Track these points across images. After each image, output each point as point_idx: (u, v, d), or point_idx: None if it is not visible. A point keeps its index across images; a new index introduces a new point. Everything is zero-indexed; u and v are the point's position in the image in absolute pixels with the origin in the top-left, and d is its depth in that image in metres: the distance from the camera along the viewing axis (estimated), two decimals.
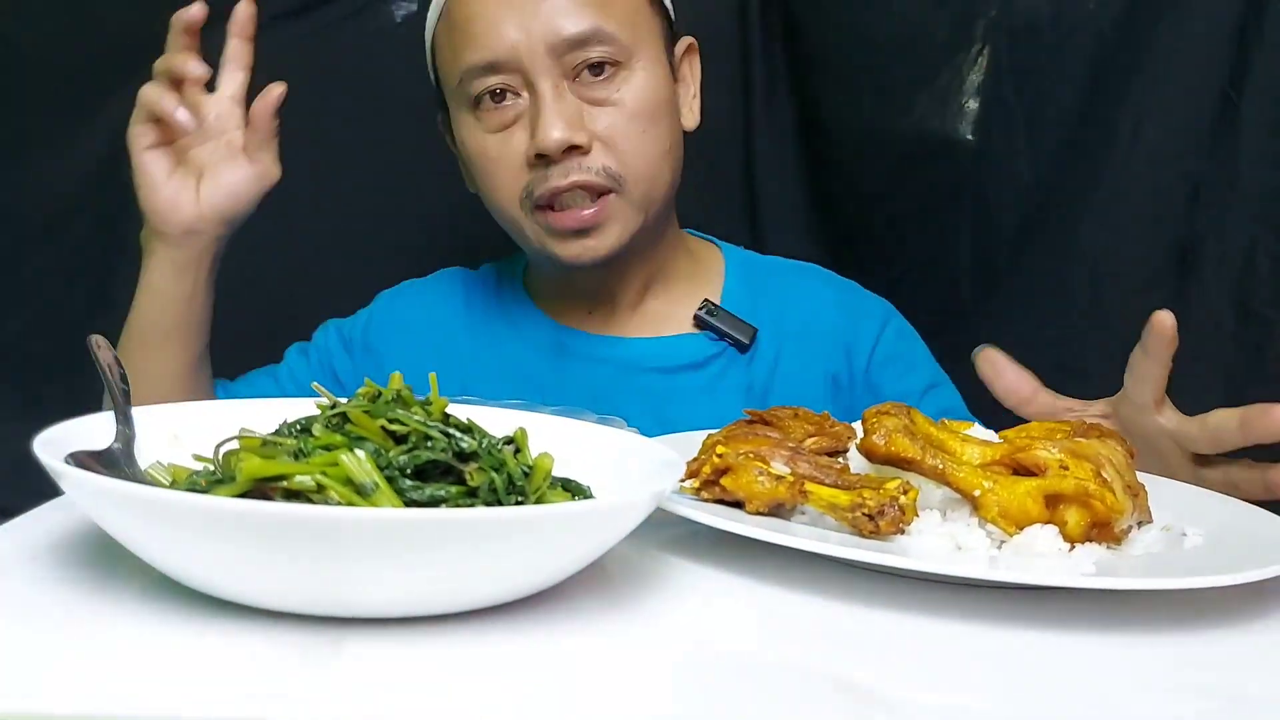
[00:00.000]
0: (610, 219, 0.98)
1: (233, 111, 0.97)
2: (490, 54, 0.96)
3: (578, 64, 0.96)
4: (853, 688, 0.46)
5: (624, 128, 0.98)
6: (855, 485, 0.61)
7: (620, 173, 0.98)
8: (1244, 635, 0.55)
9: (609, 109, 0.98)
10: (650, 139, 1.00)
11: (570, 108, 0.96)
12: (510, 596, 0.50)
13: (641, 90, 0.99)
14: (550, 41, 0.95)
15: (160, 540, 0.47)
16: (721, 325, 1.07)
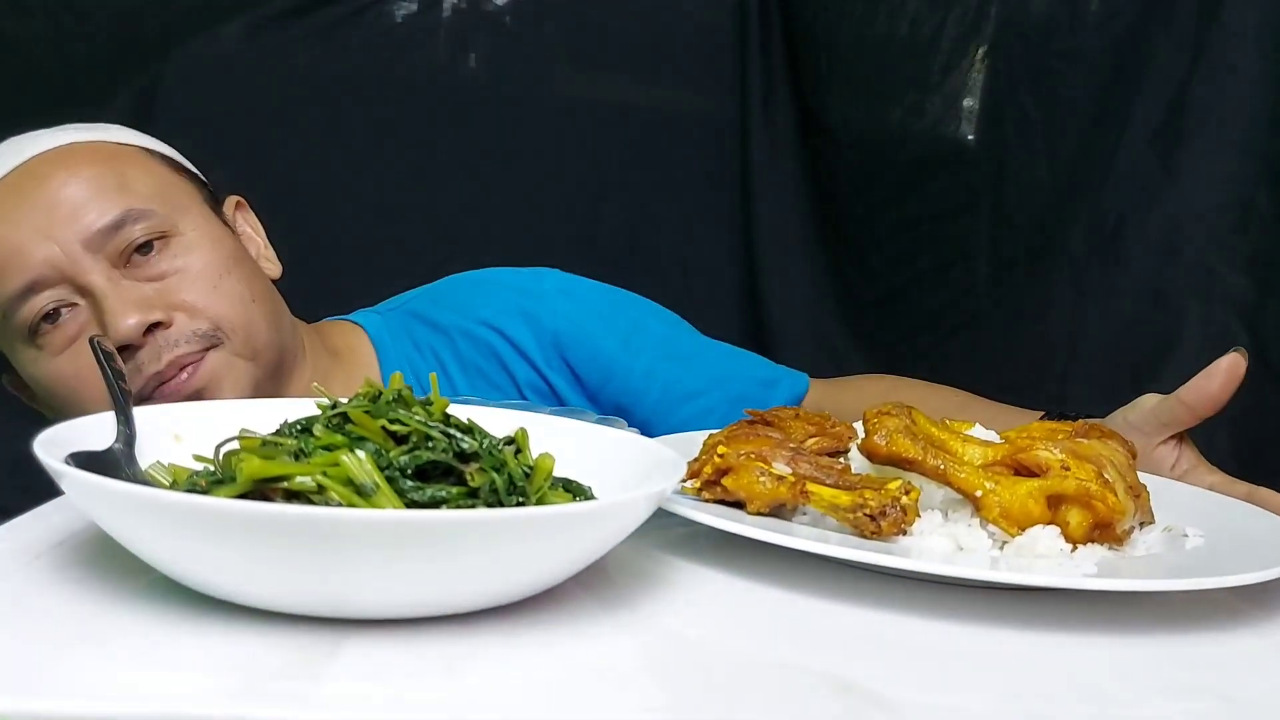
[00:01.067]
0: (218, 376, 0.94)
1: None
2: (26, 275, 0.91)
3: (123, 249, 0.92)
4: (854, 688, 0.45)
5: (198, 290, 0.94)
6: (857, 486, 0.61)
7: (212, 330, 0.94)
8: (1246, 636, 0.55)
9: (173, 279, 0.94)
10: (227, 291, 0.96)
11: (134, 291, 0.92)
12: (511, 597, 0.50)
13: (199, 251, 0.96)
14: (84, 238, 0.91)
15: (160, 541, 0.47)
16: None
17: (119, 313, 0.90)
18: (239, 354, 0.95)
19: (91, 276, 0.91)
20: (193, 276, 0.94)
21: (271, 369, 0.98)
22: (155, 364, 0.91)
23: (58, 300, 0.92)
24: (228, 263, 0.97)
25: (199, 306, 0.94)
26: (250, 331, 0.96)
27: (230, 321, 0.95)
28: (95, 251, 0.92)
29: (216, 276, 0.96)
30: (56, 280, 0.91)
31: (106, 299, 0.91)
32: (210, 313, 0.94)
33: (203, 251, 0.96)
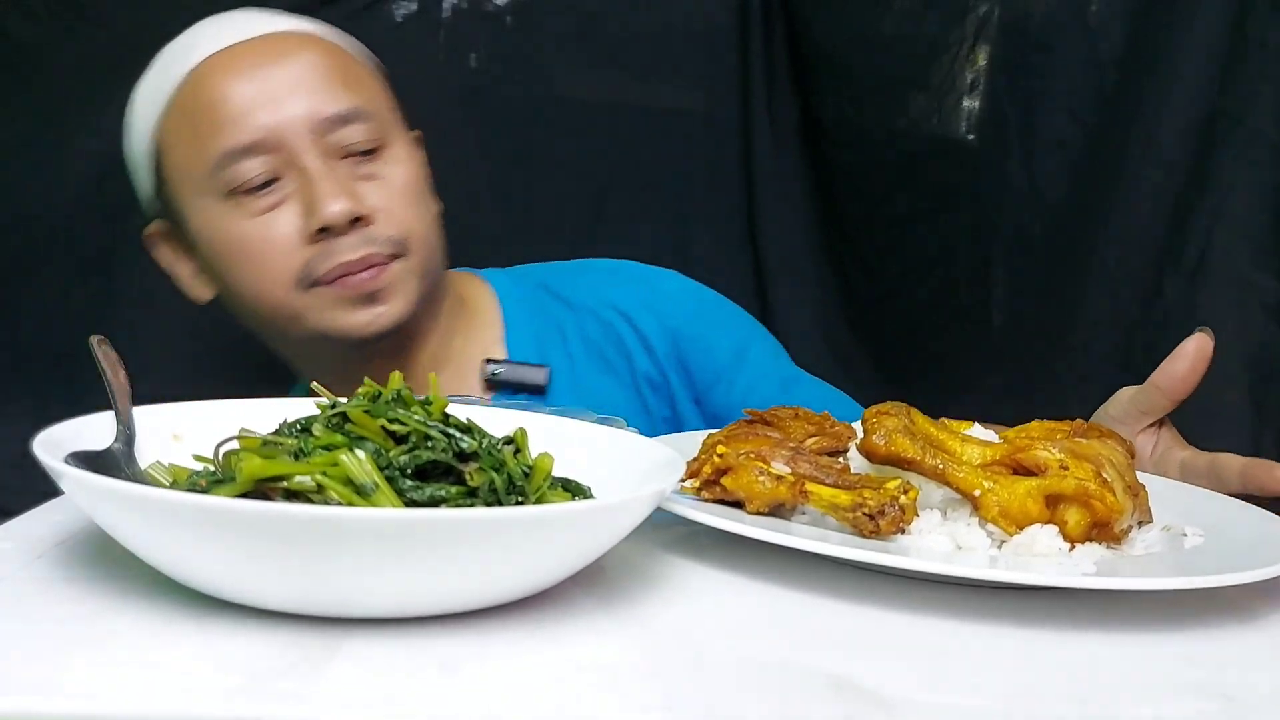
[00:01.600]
0: (396, 285, 0.96)
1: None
2: (249, 135, 0.93)
3: (344, 144, 0.96)
4: (853, 688, 0.45)
5: (400, 199, 0.98)
6: (856, 485, 0.61)
7: (402, 240, 0.97)
8: (1245, 635, 0.55)
9: (379, 183, 0.97)
10: (421, 211, 1.00)
11: (343, 181, 0.95)
12: (510, 596, 0.50)
13: (408, 166, 1.00)
14: (314, 120, 0.94)
15: (160, 540, 0.47)
16: (512, 378, 1.04)
17: (331, 195, 0.93)
18: (414, 271, 0.98)
19: (310, 157, 0.94)
20: (397, 188, 0.98)
21: (429, 293, 1.01)
22: (349, 254, 0.94)
23: (270, 171, 0.94)
24: (423, 184, 1.02)
25: (397, 217, 0.97)
26: (428, 252, 1.00)
27: (418, 238, 0.99)
28: (319, 135, 0.94)
29: (415, 194, 1.00)
30: (275, 149, 0.94)
31: (322, 181, 0.93)
32: (405, 225, 0.97)
33: (408, 168, 1.00)
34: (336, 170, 0.95)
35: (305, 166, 0.94)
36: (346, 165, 0.96)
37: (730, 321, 1.10)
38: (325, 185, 0.93)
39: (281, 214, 0.94)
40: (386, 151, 0.98)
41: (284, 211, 0.94)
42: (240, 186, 0.94)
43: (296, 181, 0.94)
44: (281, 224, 0.94)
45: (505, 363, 1.05)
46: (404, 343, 1.01)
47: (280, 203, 0.95)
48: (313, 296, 0.95)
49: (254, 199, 0.94)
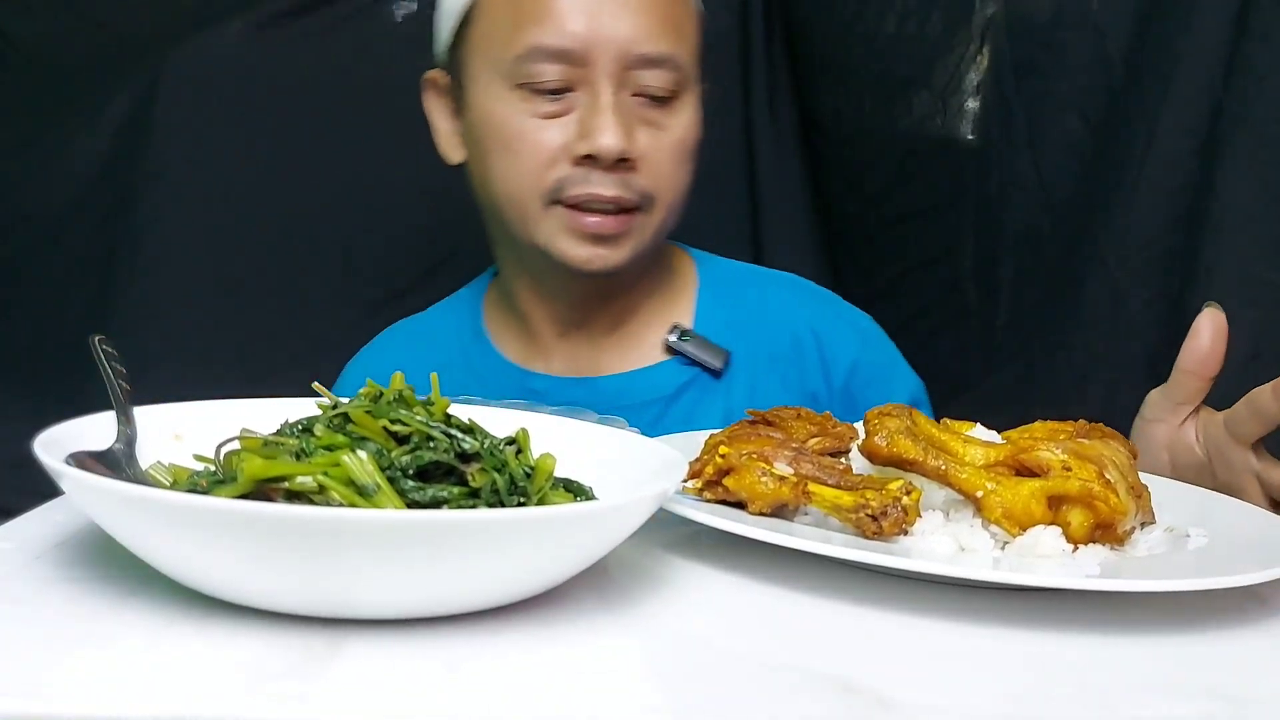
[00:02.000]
0: (630, 234, 0.97)
1: None
2: (565, 40, 0.93)
3: (643, 85, 0.95)
4: (855, 689, 0.45)
5: (668, 154, 0.97)
6: (858, 486, 0.61)
7: (654, 195, 0.97)
8: (1248, 637, 0.55)
9: (658, 132, 0.97)
10: (685, 172, 1.00)
11: (628, 119, 0.95)
12: (512, 598, 0.50)
13: (689, 125, 0.99)
14: (626, 51, 0.94)
15: (161, 541, 0.47)
16: (693, 352, 1.05)
17: (611, 128, 0.93)
18: (651, 226, 0.99)
19: (607, 84, 0.94)
20: (671, 142, 0.98)
21: (653, 249, 1.02)
22: (603, 189, 0.94)
23: (566, 80, 0.94)
24: (695, 149, 1.01)
25: (659, 171, 0.97)
26: (670, 213, 1.00)
27: (668, 200, 0.99)
28: (624, 67, 0.94)
29: (684, 155, 0.99)
30: (580, 63, 0.94)
31: (608, 111, 0.93)
32: (662, 181, 0.98)
33: (687, 128, 0.99)
34: (624, 105, 0.95)
35: (599, 91, 0.94)
36: (636, 104, 0.96)
37: (910, 380, 1.12)
38: (608, 116, 0.93)
39: (559, 124, 0.95)
40: (676, 103, 0.98)
41: (562, 123, 0.95)
42: (533, 84, 0.95)
43: (586, 100, 0.94)
44: (555, 134, 0.95)
45: (691, 335, 1.05)
46: (607, 285, 1.03)
47: (563, 113, 0.95)
48: (551, 213, 0.96)
49: (541, 100, 0.95)
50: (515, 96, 0.96)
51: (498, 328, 1.09)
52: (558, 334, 1.06)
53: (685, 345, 1.05)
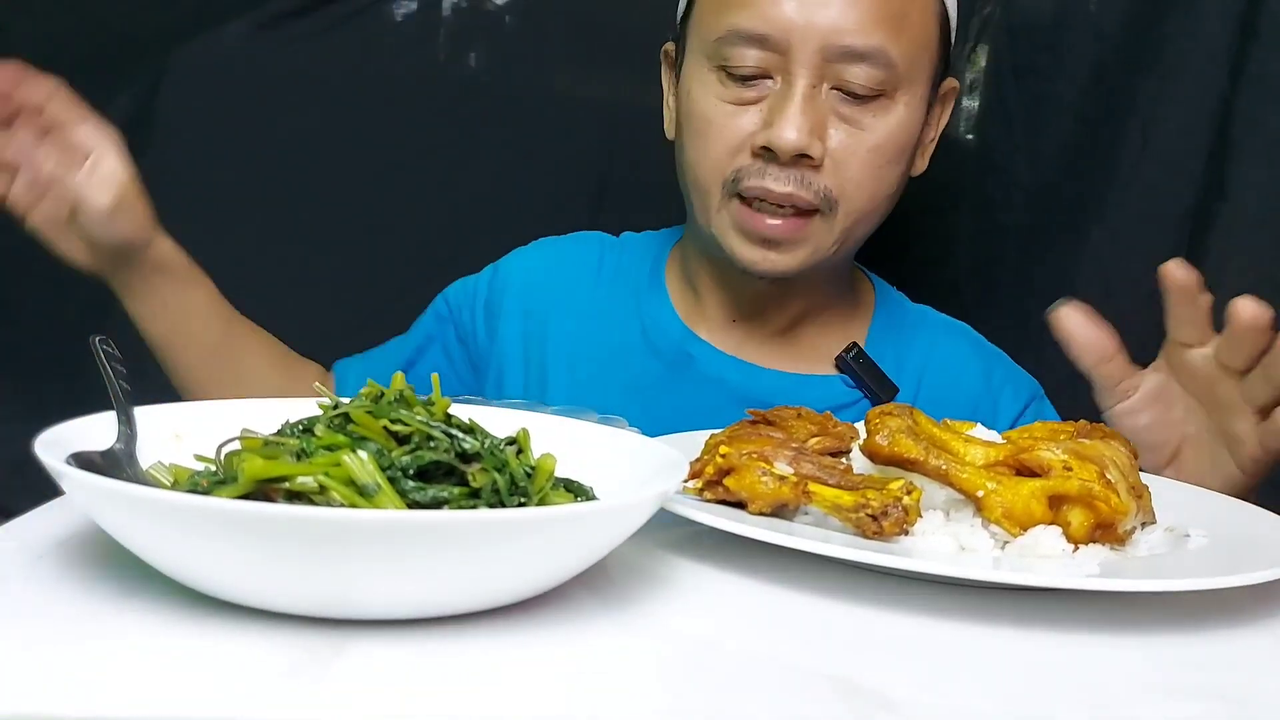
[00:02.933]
0: (805, 239, 0.92)
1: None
2: (763, 25, 0.89)
3: (842, 78, 0.90)
4: (855, 688, 0.45)
5: (862, 157, 0.91)
6: (859, 486, 0.61)
7: (837, 199, 0.92)
8: (1248, 637, 0.55)
9: (854, 131, 0.91)
10: (881, 177, 0.93)
11: (818, 114, 0.90)
12: (513, 598, 0.50)
13: (895, 127, 0.93)
14: (828, 42, 0.89)
15: (161, 541, 0.47)
16: (865, 375, 1.00)
17: (792, 123, 0.88)
18: (832, 232, 0.93)
19: (803, 75, 0.89)
20: (866, 146, 0.92)
21: (836, 259, 0.97)
22: (778, 184, 0.90)
23: (764, 67, 0.91)
24: (899, 154, 0.94)
25: (846, 173, 0.92)
26: (857, 223, 0.95)
27: (854, 206, 0.93)
28: (826, 59, 0.89)
29: (883, 160, 0.93)
30: (779, 50, 0.90)
31: (793, 104, 0.89)
32: (849, 188, 0.92)
33: (892, 131, 0.93)
34: (818, 100, 0.90)
35: (793, 80, 0.89)
36: (834, 99, 0.91)
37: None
38: (794, 109, 0.89)
39: (750, 112, 0.91)
40: (883, 102, 0.91)
41: (753, 111, 0.91)
42: (730, 67, 0.91)
43: (780, 89, 0.90)
44: (744, 121, 0.91)
45: (867, 358, 1.01)
46: (780, 288, 0.99)
47: (756, 100, 0.91)
48: (728, 204, 0.93)
49: (736, 85, 0.92)
50: (713, 79, 0.93)
51: (675, 283, 1.06)
52: (729, 319, 1.03)
53: (857, 366, 1.01)
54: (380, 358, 1.09)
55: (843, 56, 0.89)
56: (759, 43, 0.90)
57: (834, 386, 1.01)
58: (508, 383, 1.05)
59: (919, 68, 0.93)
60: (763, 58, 0.90)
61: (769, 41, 0.89)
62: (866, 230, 0.97)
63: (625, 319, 1.04)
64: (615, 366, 1.02)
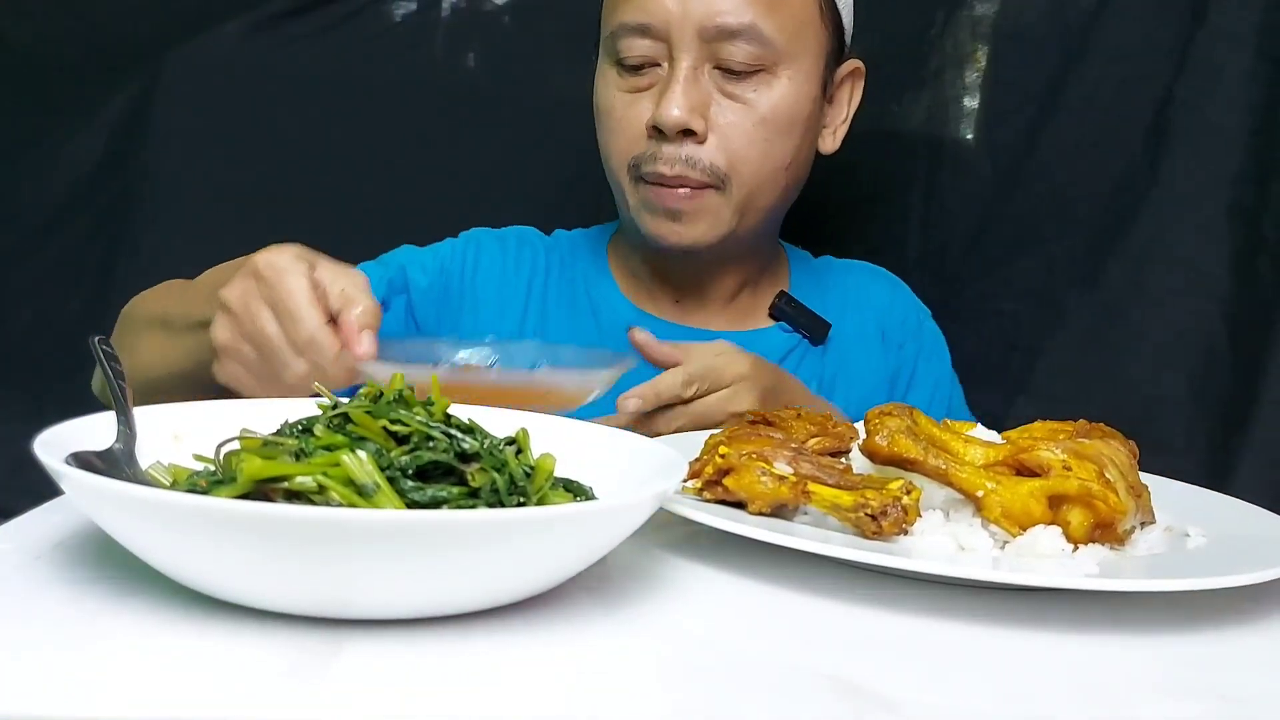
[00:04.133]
0: (701, 212, 0.98)
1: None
2: (645, 16, 0.96)
3: (721, 57, 0.95)
4: (855, 688, 0.45)
5: (747, 130, 0.97)
6: (858, 486, 0.61)
7: (727, 173, 0.97)
8: (1247, 637, 0.55)
9: (738, 106, 0.97)
10: (770, 149, 0.98)
11: (700, 93, 0.95)
12: (512, 598, 0.50)
13: (779, 100, 0.98)
14: (703, 24, 0.94)
15: (160, 541, 0.47)
16: (798, 316, 1.07)
17: (674, 101, 0.94)
18: (730, 205, 0.99)
19: (685, 57, 0.95)
20: (754, 118, 0.97)
21: (747, 231, 1.02)
22: (666, 166, 0.96)
23: (650, 55, 0.97)
24: (788, 126, 0.99)
25: (733, 146, 0.97)
26: (755, 195, 0.99)
27: (746, 179, 0.98)
28: (704, 40, 0.95)
29: (769, 132, 0.98)
30: (660, 37, 0.96)
31: (676, 84, 0.95)
32: (737, 162, 0.97)
33: (776, 104, 0.98)
34: (701, 80, 0.96)
35: (676, 63, 0.95)
36: (716, 78, 0.96)
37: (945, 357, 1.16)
38: (677, 89, 0.94)
39: (643, 99, 0.98)
40: (764, 76, 0.97)
41: (646, 97, 0.98)
42: (623, 59, 0.98)
43: (665, 74, 0.97)
44: (639, 108, 0.98)
45: (795, 302, 1.08)
46: (706, 264, 1.04)
47: (648, 87, 0.98)
48: (636, 188, 0.99)
49: (630, 75, 0.99)
50: (613, 73, 1.00)
51: (619, 271, 1.11)
52: (673, 299, 1.08)
53: (790, 310, 1.08)
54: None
55: (719, 35, 0.95)
56: (643, 32, 0.96)
57: (775, 336, 1.08)
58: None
59: (801, 43, 0.98)
60: (649, 46, 0.97)
61: (651, 30, 0.96)
62: (770, 203, 1.02)
63: (580, 307, 1.09)
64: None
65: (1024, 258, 1.18)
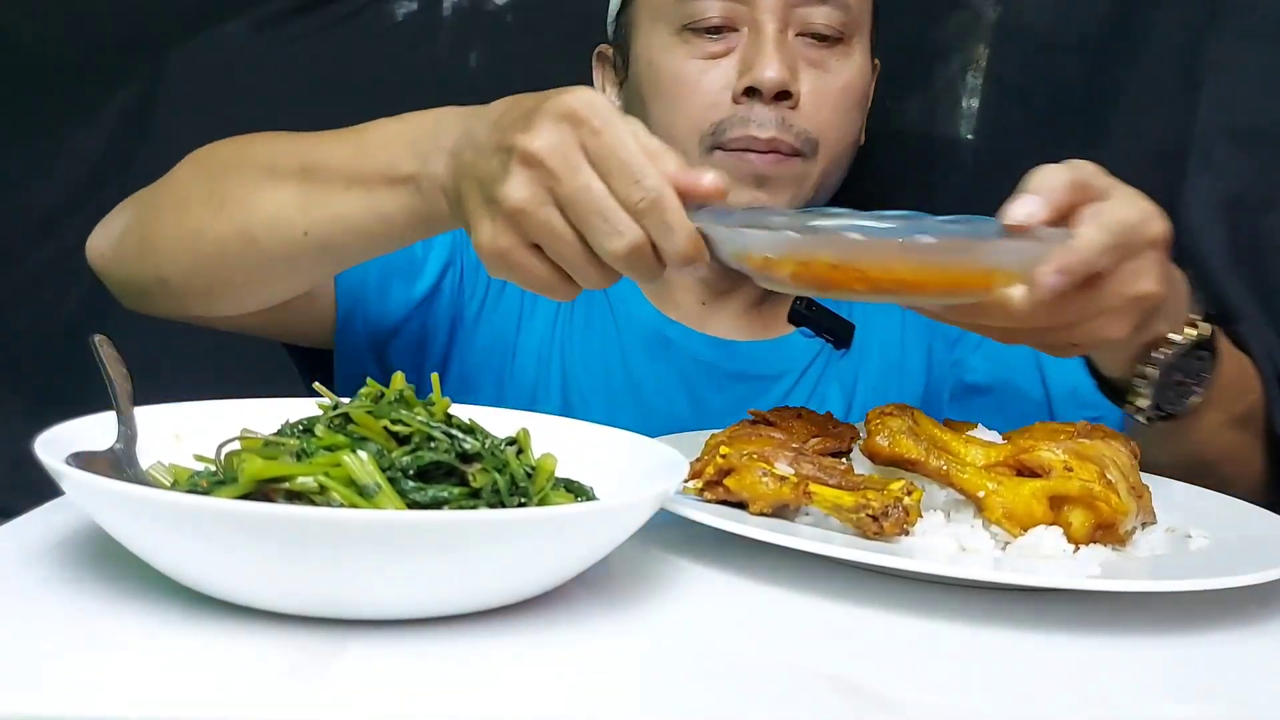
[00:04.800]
0: (788, 179, 0.93)
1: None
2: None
3: (807, 22, 0.92)
4: (856, 689, 0.45)
5: (834, 97, 0.94)
6: (859, 486, 0.61)
7: (817, 140, 0.93)
8: (1248, 637, 0.55)
9: (824, 74, 0.93)
10: (850, 120, 0.96)
11: (791, 54, 0.92)
12: (513, 598, 0.50)
13: (856, 71, 0.96)
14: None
15: (161, 542, 0.47)
16: (820, 320, 1.03)
17: (772, 61, 0.90)
18: (812, 177, 0.94)
19: (770, 18, 0.91)
20: (837, 88, 0.94)
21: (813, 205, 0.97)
22: (760, 130, 0.91)
23: (728, 18, 0.92)
24: (861, 99, 0.98)
25: (823, 114, 0.93)
26: (832, 169, 0.96)
27: (830, 149, 0.94)
28: (788, 4, 0.91)
29: (850, 102, 0.95)
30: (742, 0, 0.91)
31: (769, 44, 0.90)
32: (825, 129, 0.94)
33: (855, 74, 0.95)
34: (787, 42, 0.92)
35: (762, 25, 0.91)
36: (801, 42, 0.93)
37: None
38: (770, 49, 0.90)
39: (721, 64, 0.93)
40: (845, 47, 0.94)
41: (724, 63, 0.92)
42: (695, 23, 0.92)
43: (748, 38, 0.92)
44: (716, 74, 0.92)
45: (815, 304, 1.03)
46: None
47: (725, 53, 0.93)
48: (709, 158, 0.93)
49: (703, 40, 0.93)
50: (677, 41, 0.94)
51: None
52: (698, 302, 1.04)
53: (811, 314, 1.03)
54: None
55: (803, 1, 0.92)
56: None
57: (799, 344, 1.03)
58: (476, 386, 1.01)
59: (865, 17, 0.96)
60: (727, 8, 0.92)
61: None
62: (837, 180, 0.99)
63: (600, 316, 1.03)
64: (595, 356, 1.01)
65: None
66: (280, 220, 0.74)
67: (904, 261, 0.56)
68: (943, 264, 0.57)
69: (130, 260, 0.87)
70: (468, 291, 1.00)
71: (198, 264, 0.80)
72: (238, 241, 0.76)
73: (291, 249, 0.74)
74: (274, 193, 0.75)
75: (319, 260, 0.77)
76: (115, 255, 0.89)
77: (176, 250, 0.81)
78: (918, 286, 0.56)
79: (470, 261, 1.00)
